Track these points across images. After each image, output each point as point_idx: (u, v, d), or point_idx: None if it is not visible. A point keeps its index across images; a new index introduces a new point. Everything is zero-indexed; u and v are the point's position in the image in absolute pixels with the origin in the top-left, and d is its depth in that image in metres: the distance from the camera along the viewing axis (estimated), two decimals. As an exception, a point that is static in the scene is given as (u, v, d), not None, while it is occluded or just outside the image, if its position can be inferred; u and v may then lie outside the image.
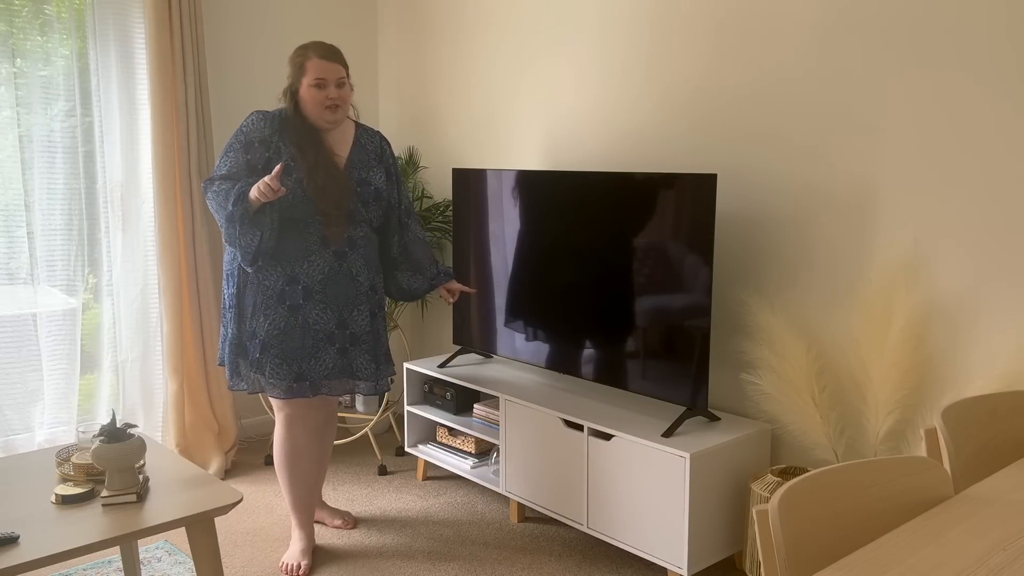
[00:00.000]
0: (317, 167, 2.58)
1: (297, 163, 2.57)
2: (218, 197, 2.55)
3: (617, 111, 3.15)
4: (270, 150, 2.58)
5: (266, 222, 2.52)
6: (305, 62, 2.59)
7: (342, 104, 2.63)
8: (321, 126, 2.63)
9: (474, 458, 3.28)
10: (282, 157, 2.57)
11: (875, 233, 2.48)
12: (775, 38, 2.65)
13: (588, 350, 2.93)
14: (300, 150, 2.58)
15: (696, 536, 2.49)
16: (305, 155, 2.58)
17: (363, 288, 2.69)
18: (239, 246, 2.53)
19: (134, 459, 2.12)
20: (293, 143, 2.59)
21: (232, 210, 2.49)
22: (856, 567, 1.17)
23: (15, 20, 3.12)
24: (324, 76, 2.57)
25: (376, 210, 2.73)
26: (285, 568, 2.72)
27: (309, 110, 2.60)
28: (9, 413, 3.23)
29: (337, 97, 2.60)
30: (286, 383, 2.59)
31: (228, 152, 2.61)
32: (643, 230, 2.72)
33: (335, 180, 2.61)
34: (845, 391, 2.57)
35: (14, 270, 3.20)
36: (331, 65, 2.59)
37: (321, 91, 2.57)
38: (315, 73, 2.57)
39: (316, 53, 2.59)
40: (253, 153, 2.58)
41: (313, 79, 2.57)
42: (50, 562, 1.84)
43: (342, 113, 2.65)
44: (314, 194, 2.56)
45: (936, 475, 1.44)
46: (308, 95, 2.59)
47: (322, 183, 2.57)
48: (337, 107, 2.61)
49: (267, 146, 2.59)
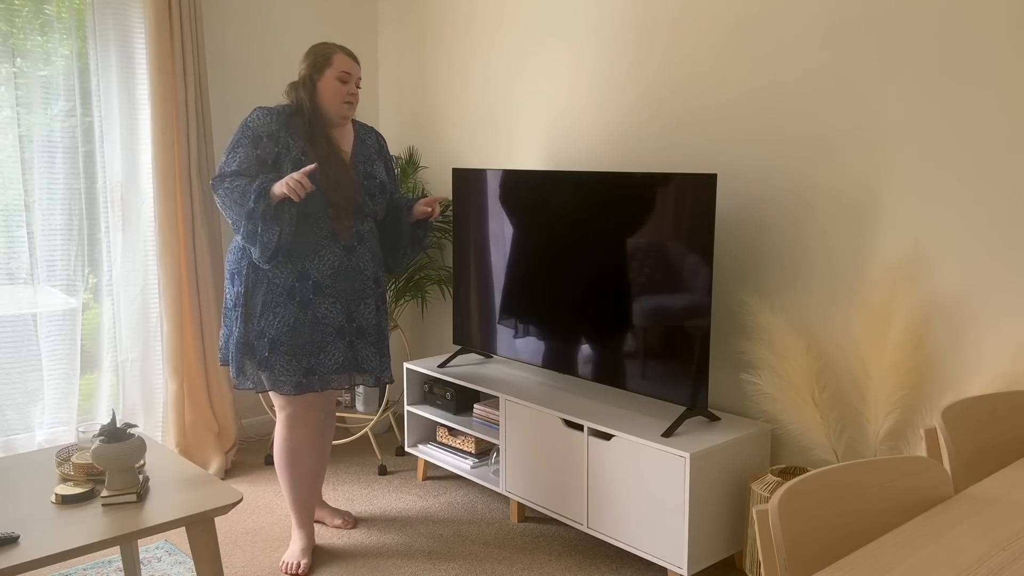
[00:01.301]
0: (329, 161, 2.61)
1: (308, 157, 2.59)
2: (232, 194, 2.53)
3: (617, 111, 3.15)
4: (279, 145, 2.59)
5: (285, 218, 2.53)
6: (332, 55, 2.66)
7: (356, 103, 2.71)
8: (334, 120, 2.68)
9: (474, 458, 3.28)
10: (290, 152, 2.58)
11: (875, 233, 2.48)
12: (776, 38, 2.65)
13: (588, 350, 2.93)
14: (312, 144, 2.61)
15: (696, 536, 2.49)
16: (317, 148, 2.60)
17: (369, 281, 2.71)
18: (259, 243, 2.52)
19: (134, 459, 2.12)
20: (303, 137, 2.61)
21: (254, 207, 2.49)
22: (856, 567, 1.17)
23: (15, 20, 3.12)
24: (349, 71, 2.67)
25: (381, 203, 2.77)
26: (285, 567, 2.72)
27: (327, 102, 2.64)
28: (9, 413, 3.23)
29: (356, 94, 2.70)
30: (296, 378, 2.60)
31: (236, 148, 2.60)
32: (643, 230, 2.72)
33: (345, 174, 2.64)
34: (845, 391, 2.57)
35: (14, 270, 3.20)
36: (356, 65, 2.71)
37: (344, 85, 2.66)
38: (342, 66, 2.66)
39: (343, 50, 2.70)
40: (262, 148, 2.58)
41: (340, 71, 2.65)
42: (50, 562, 1.84)
43: (354, 112, 2.72)
44: (326, 187, 2.58)
45: (936, 475, 1.44)
46: (330, 87, 2.64)
47: (334, 176, 2.60)
48: (353, 104, 2.69)
49: (275, 141, 2.59)
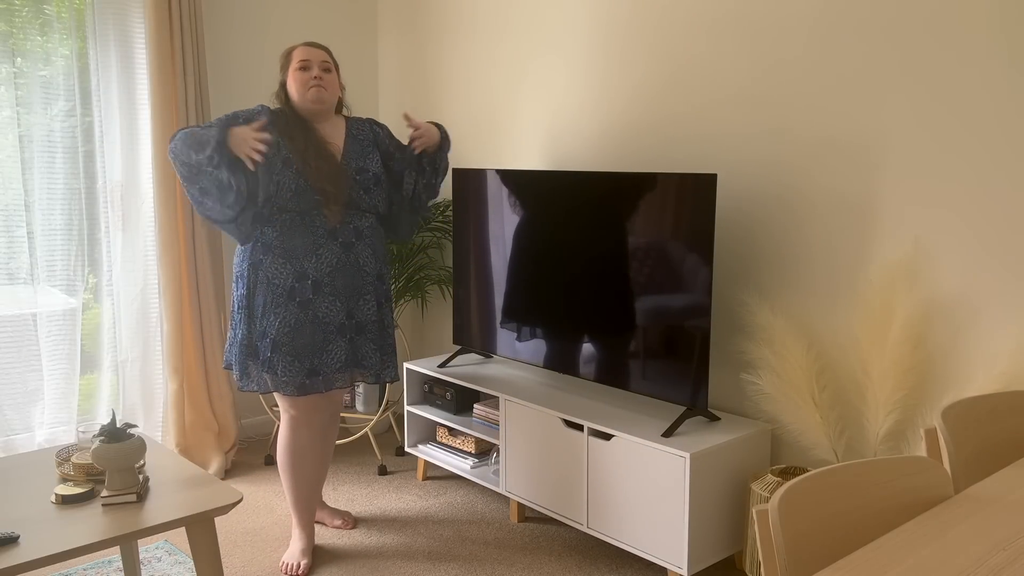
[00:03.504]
0: (308, 150, 2.60)
1: (289, 152, 2.58)
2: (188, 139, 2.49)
3: (617, 111, 3.15)
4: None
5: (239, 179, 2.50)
6: (291, 51, 2.70)
7: (327, 87, 2.65)
8: (308, 109, 2.65)
9: (474, 458, 3.28)
10: (275, 149, 2.56)
11: (875, 232, 2.48)
12: (776, 38, 2.65)
13: (588, 350, 2.93)
14: (290, 138, 2.61)
15: (696, 536, 2.49)
16: (295, 141, 2.60)
17: (370, 278, 2.70)
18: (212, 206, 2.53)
19: (134, 459, 2.12)
20: (282, 133, 2.61)
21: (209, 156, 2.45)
22: (856, 567, 1.17)
23: (15, 20, 3.12)
24: (307, 58, 2.66)
25: (378, 195, 2.74)
26: (285, 568, 2.72)
27: (296, 96, 2.65)
28: (9, 413, 3.23)
29: (320, 77, 2.63)
30: (298, 380, 2.60)
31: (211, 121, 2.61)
32: (643, 230, 2.72)
33: (327, 161, 2.63)
34: (845, 391, 2.57)
35: (14, 270, 3.20)
36: (315, 50, 2.68)
37: (306, 72, 2.64)
38: (299, 56, 2.66)
39: (303, 43, 2.71)
40: (236, 124, 2.55)
41: (298, 62, 2.65)
42: (50, 562, 1.84)
43: (328, 97, 2.66)
44: (309, 176, 2.57)
45: (936, 475, 1.44)
46: (294, 80, 2.65)
47: (315, 164, 2.59)
48: (321, 88, 2.62)
49: (249, 123, 2.57)
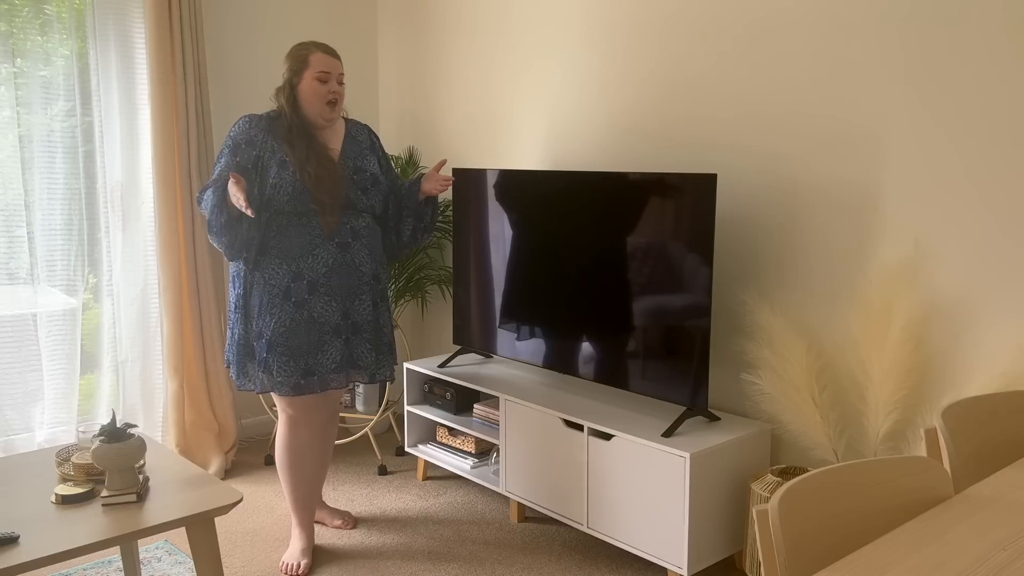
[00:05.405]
0: (308, 158, 2.59)
1: (289, 157, 2.58)
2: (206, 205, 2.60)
3: (618, 110, 3.15)
4: (257, 148, 2.59)
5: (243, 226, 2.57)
6: (308, 56, 2.62)
7: (340, 101, 2.66)
8: (318, 123, 2.64)
9: (474, 458, 3.28)
10: (275, 155, 2.57)
11: (875, 233, 2.48)
12: (776, 38, 2.65)
13: (588, 350, 2.93)
14: (290, 145, 2.59)
15: (696, 536, 2.49)
16: (296, 149, 2.59)
17: (366, 278, 2.69)
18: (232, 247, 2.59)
19: (134, 459, 2.12)
20: (283, 139, 2.60)
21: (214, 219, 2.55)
22: (856, 567, 1.17)
23: (15, 20, 3.12)
24: (328, 70, 2.62)
25: (376, 196, 2.73)
26: (285, 568, 2.72)
27: (308, 104, 2.62)
28: (9, 413, 3.23)
29: (337, 92, 2.63)
30: (294, 380, 2.59)
31: (219, 159, 2.64)
32: (643, 229, 2.72)
33: (327, 170, 2.61)
34: (845, 391, 2.57)
35: (14, 270, 3.20)
36: (334, 61, 2.65)
37: (324, 85, 2.61)
38: (319, 66, 2.61)
39: (319, 48, 2.64)
40: (241, 155, 2.58)
41: (317, 72, 2.60)
42: (50, 562, 1.84)
43: (339, 111, 2.68)
44: (308, 184, 2.56)
45: (936, 475, 1.44)
46: (310, 88, 2.61)
47: (314, 172, 2.58)
48: (336, 103, 2.64)
49: (254, 145, 2.59)
